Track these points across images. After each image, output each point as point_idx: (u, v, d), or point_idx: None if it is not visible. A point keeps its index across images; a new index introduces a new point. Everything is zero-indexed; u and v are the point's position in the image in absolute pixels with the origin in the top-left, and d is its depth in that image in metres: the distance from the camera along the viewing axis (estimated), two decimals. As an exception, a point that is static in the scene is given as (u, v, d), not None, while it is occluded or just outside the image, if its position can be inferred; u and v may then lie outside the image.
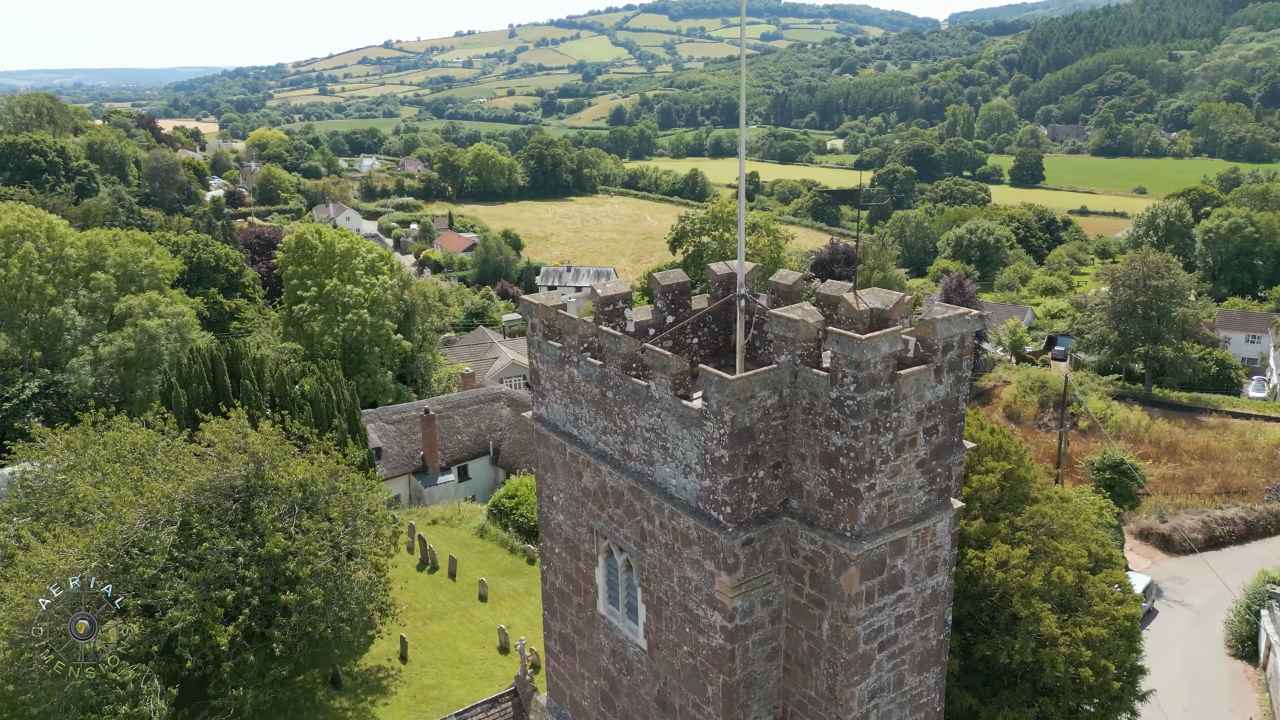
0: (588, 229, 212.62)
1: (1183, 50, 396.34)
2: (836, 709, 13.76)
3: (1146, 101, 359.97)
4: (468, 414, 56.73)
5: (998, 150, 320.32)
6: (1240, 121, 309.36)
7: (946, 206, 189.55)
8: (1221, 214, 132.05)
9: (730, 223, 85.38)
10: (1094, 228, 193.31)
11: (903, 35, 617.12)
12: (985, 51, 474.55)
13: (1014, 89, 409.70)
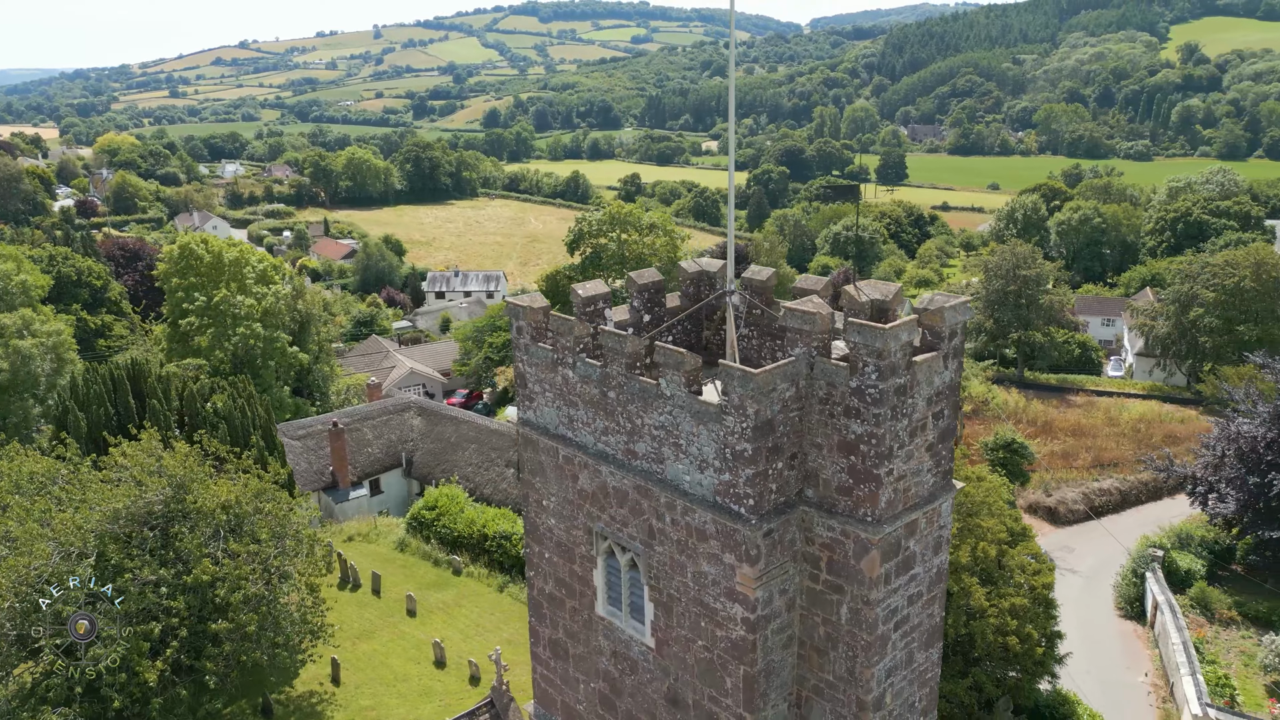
0: (471, 233, 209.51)
1: (1025, 54, 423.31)
2: (856, 690, 14.18)
3: (995, 103, 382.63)
4: (377, 425, 55.03)
5: (863, 150, 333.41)
6: (1079, 120, 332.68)
7: (821, 205, 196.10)
8: (1072, 207, 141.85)
9: (628, 224, 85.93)
10: (956, 222, 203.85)
11: (768, 39, 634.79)
12: (847, 55, 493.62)
13: (875, 91, 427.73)
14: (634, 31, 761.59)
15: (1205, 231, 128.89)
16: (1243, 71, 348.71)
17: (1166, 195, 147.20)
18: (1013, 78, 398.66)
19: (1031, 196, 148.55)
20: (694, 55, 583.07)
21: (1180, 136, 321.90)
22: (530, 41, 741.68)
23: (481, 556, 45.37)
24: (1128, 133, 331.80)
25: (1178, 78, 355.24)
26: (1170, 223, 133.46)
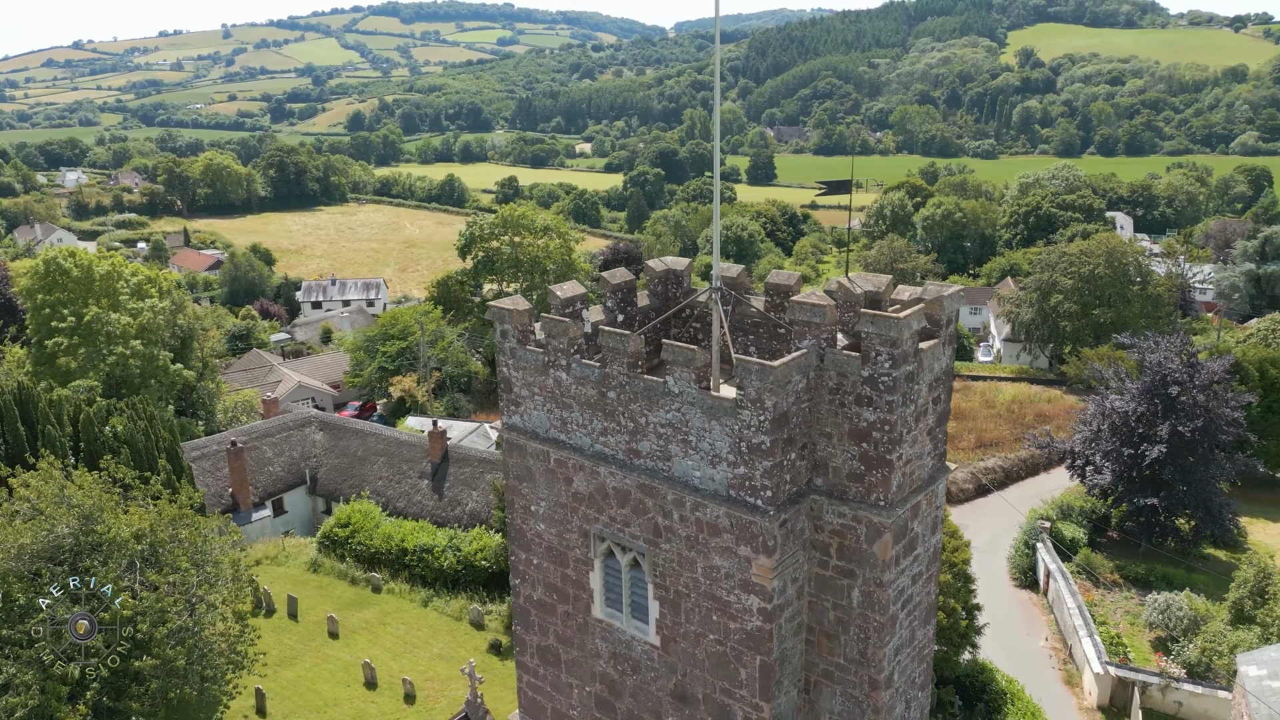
0: (344, 239, 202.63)
1: (879, 58, 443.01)
2: (868, 670, 14.65)
3: (853, 104, 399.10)
4: (277, 442, 52.54)
5: (733, 151, 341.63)
6: (931, 121, 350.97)
7: (700, 205, 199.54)
8: (934, 203, 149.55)
9: (522, 227, 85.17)
10: (825, 220, 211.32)
11: (635, 42, 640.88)
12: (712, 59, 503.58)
13: (741, 94, 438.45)
14: (500, 33, 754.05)
15: (1054, 223, 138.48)
16: (1074, 74, 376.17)
17: (1018, 190, 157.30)
18: (869, 80, 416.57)
19: (898, 194, 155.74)
20: (562, 58, 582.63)
21: (1021, 135, 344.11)
22: (392, 43, 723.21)
23: (402, 572, 44.08)
24: (975, 132, 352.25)
25: (1017, 80, 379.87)
26: (1023, 216, 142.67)
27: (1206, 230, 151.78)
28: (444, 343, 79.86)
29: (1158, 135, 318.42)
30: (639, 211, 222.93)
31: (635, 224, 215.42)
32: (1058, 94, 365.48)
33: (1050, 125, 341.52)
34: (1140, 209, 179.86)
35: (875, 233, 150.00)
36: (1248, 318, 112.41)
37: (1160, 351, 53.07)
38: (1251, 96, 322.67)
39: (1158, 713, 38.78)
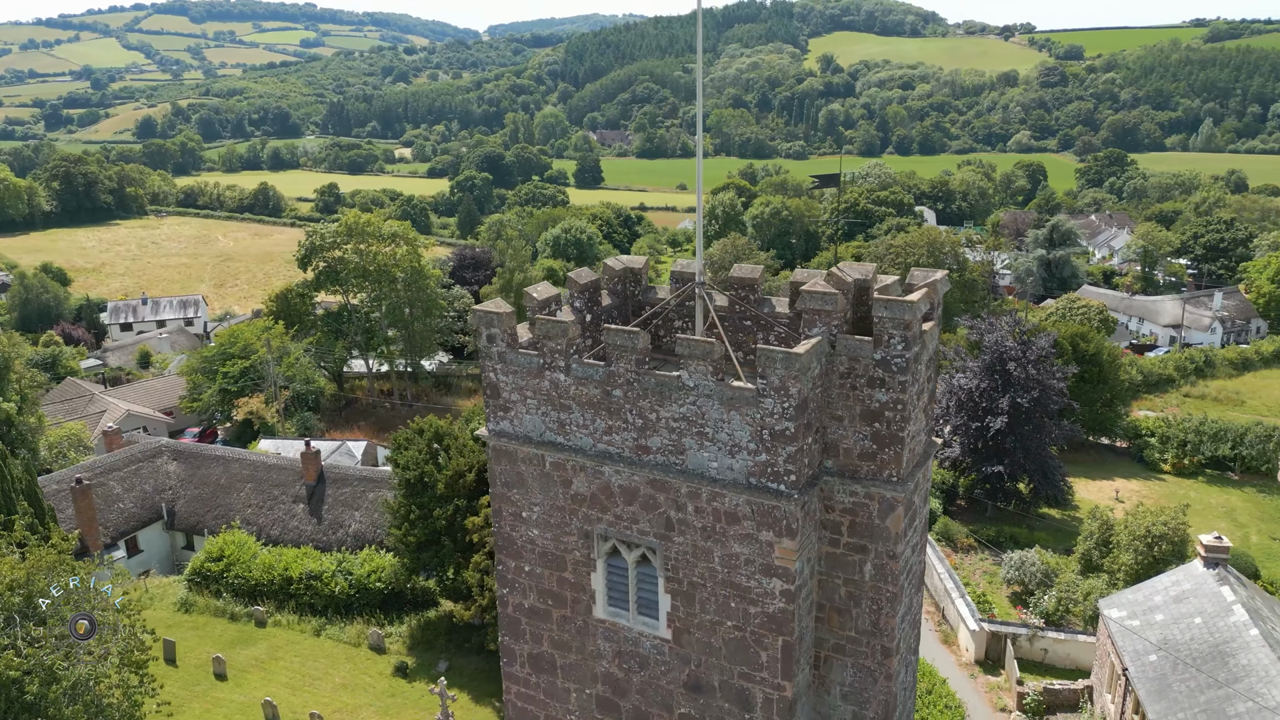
0: (148, 255, 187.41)
1: (692, 64, 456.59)
2: (881, 639, 15.42)
3: (672, 108, 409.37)
4: (126, 476, 48.11)
5: (558, 155, 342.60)
6: (746, 124, 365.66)
7: (534, 209, 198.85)
8: (762, 201, 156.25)
9: (368, 234, 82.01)
10: (657, 221, 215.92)
11: (449, 45, 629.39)
12: (530, 62, 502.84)
13: (561, 97, 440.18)
14: (303, 34, 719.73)
15: (871, 218, 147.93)
16: (870, 79, 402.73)
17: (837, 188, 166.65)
18: (684, 85, 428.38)
19: (728, 194, 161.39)
20: (373, 60, 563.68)
21: (828, 137, 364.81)
22: (182, 44, 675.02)
23: (288, 603, 41.66)
24: (786, 134, 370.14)
25: (820, 85, 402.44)
26: (843, 212, 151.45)
27: (998, 221, 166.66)
28: (290, 359, 75.73)
29: (946, 135, 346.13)
30: (470, 216, 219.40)
31: (468, 229, 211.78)
32: (857, 98, 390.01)
33: (852, 127, 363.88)
34: (940, 203, 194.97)
35: (710, 232, 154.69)
36: (1042, 299, 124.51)
37: (996, 331, 58.10)
38: (1023, 99, 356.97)
39: (1027, 660, 42.45)
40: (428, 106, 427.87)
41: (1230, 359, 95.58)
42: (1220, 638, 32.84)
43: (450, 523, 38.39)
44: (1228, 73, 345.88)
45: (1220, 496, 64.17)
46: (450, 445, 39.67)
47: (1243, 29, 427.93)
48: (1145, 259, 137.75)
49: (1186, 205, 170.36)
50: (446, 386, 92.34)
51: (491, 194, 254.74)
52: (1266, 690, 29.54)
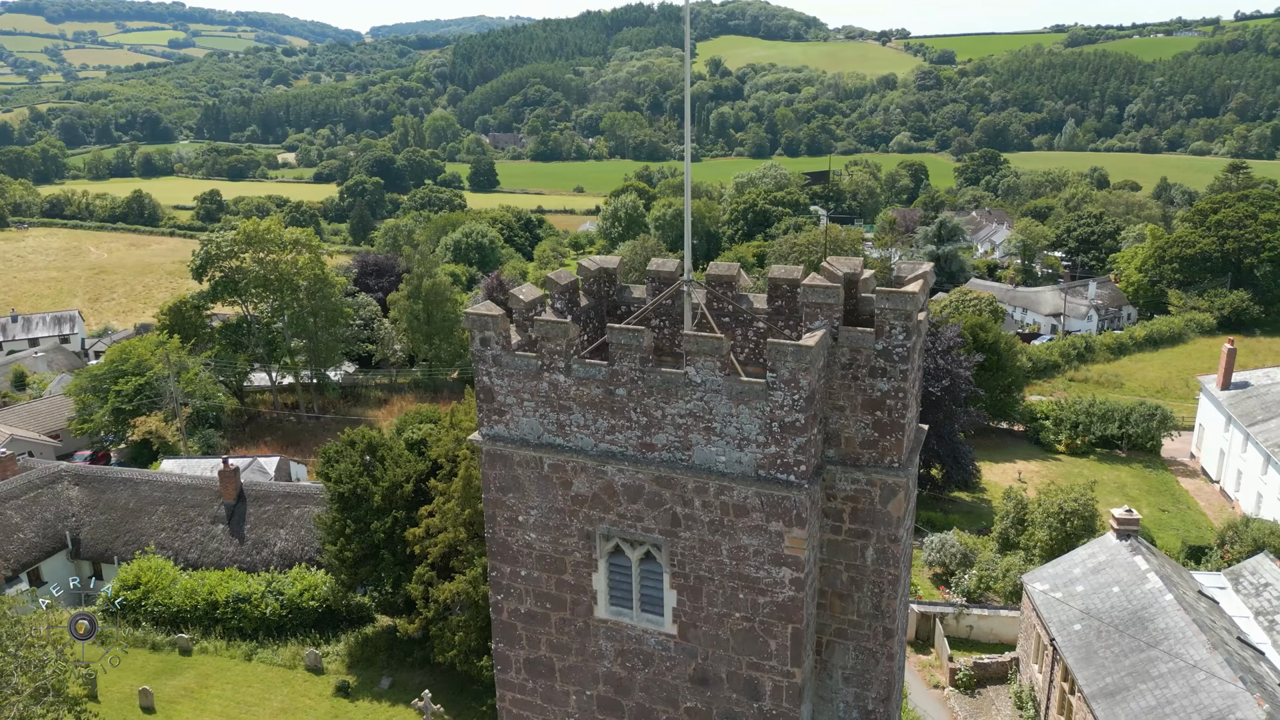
0: (13, 270, 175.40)
1: (583, 66, 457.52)
2: (883, 621, 15.92)
3: (564, 111, 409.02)
4: (24, 504, 44.91)
5: (450, 158, 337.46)
6: (639, 127, 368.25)
7: (431, 213, 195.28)
8: (664, 203, 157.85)
9: (268, 242, 78.98)
10: (558, 224, 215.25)
11: (330, 47, 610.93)
12: (418, 65, 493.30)
13: (451, 100, 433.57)
14: (171, 34, 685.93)
15: (769, 218, 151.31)
16: (757, 83, 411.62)
17: (735, 190, 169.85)
18: (576, 88, 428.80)
19: (629, 196, 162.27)
20: (250, 62, 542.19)
21: (720, 140, 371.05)
22: (38, 44, 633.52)
23: (215, 628, 39.80)
24: (678, 137, 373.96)
25: (710, 88, 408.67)
26: (742, 213, 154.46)
27: (887, 219, 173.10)
28: (189, 375, 72.25)
29: (831, 137, 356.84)
30: (363, 222, 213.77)
31: (361, 234, 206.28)
32: (746, 100, 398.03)
33: (743, 129, 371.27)
34: (831, 203, 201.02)
35: (613, 234, 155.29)
36: (933, 292, 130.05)
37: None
38: (902, 101, 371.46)
39: (955, 638, 44.30)
40: (311, 109, 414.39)
41: (1108, 344, 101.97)
42: (1138, 604, 35.08)
43: (389, 535, 37.45)
44: (1086, 76, 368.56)
45: (1111, 473, 68.36)
46: (385, 456, 38.68)
47: (1098, 34, 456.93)
48: (1025, 252, 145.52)
49: (1058, 201, 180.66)
50: (355, 397, 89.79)
51: (384, 199, 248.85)
52: (1185, 650, 31.73)
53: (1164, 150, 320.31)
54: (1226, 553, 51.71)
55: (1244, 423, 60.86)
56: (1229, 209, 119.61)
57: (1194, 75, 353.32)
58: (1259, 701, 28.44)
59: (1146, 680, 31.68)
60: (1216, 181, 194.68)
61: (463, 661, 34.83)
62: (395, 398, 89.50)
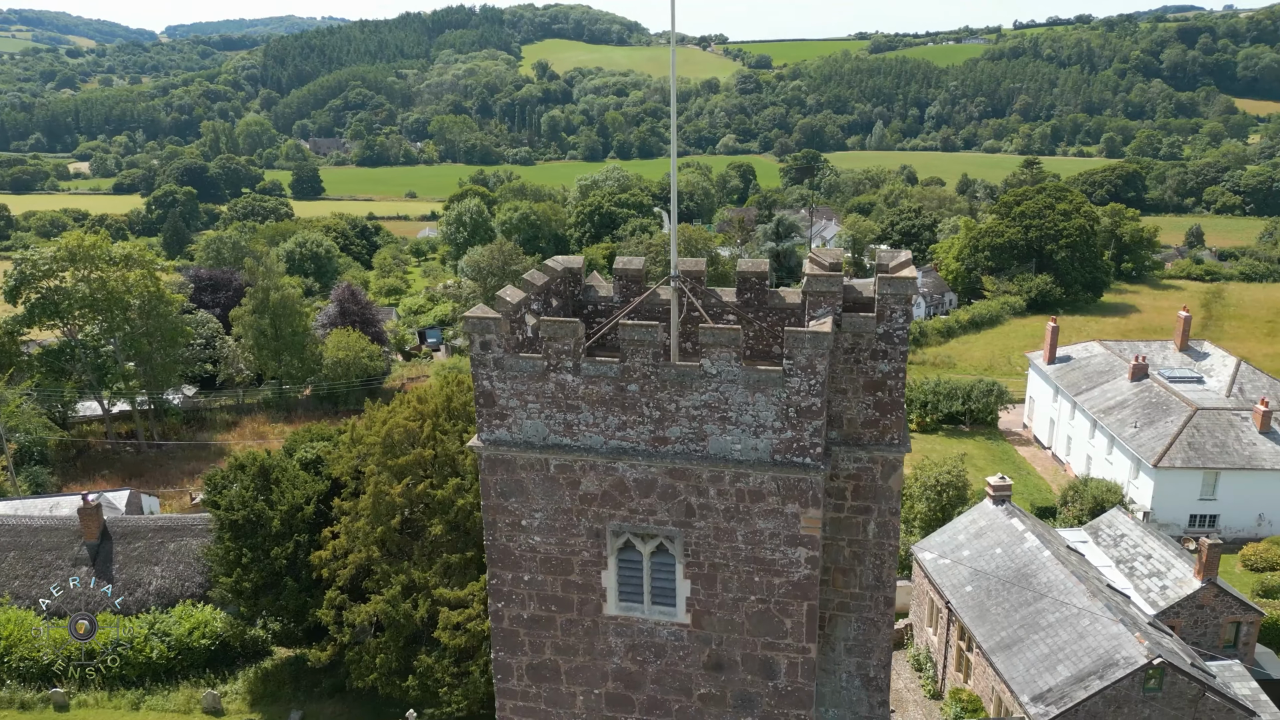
0: None
1: (406, 69, 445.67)
2: (883, 591, 16.81)
3: (389, 115, 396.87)
4: None
5: (268, 165, 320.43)
6: (469, 131, 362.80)
7: (256, 223, 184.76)
8: (510, 207, 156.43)
9: (95, 259, 72.48)
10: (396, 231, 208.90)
11: (122, 47, 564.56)
12: (224, 66, 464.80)
13: (265, 104, 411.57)
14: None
15: (616, 220, 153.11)
16: (586, 86, 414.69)
17: (579, 193, 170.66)
18: (400, 91, 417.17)
19: (473, 200, 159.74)
20: (29, 64, 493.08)
21: (552, 143, 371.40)
22: None
23: (94, 678, 36.30)
24: (511, 140, 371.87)
25: (539, 92, 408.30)
26: (588, 215, 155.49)
27: (724, 218, 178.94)
28: (10, 409, 65.35)
29: (661, 140, 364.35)
30: (178, 235, 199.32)
31: (176, 248, 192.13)
32: (575, 104, 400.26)
33: (574, 133, 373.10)
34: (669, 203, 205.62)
35: (458, 239, 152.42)
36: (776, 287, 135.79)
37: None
38: (725, 105, 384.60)
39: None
40: (104, 115, 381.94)
41: (938, 328, 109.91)
42: (1020, 562, 38.28)
43: (292, 561, 35.53)
44: (890, 80, 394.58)
45: (959, 446, 73.77)
46: (280, 479, 36.62)
47: (898, 41, 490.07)
48: (855, 246, 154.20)
49: (878, 197, 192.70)
50: (199, 422, 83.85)
51: (198, 209, 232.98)
52: (1068, 599, 34.94)
53: (961, 149, 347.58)
54: (1069, 511, 57.17)
55: (1071, 393, 67.28)
56: (1030, 201, 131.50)
57: (982, 79, 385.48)
58: (1139, 639, 31.75)
59: (1038, 630, 34.65)
60: (1012, 176, 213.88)
61: (384, 684, 33.52)
62: (244, 419, 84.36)
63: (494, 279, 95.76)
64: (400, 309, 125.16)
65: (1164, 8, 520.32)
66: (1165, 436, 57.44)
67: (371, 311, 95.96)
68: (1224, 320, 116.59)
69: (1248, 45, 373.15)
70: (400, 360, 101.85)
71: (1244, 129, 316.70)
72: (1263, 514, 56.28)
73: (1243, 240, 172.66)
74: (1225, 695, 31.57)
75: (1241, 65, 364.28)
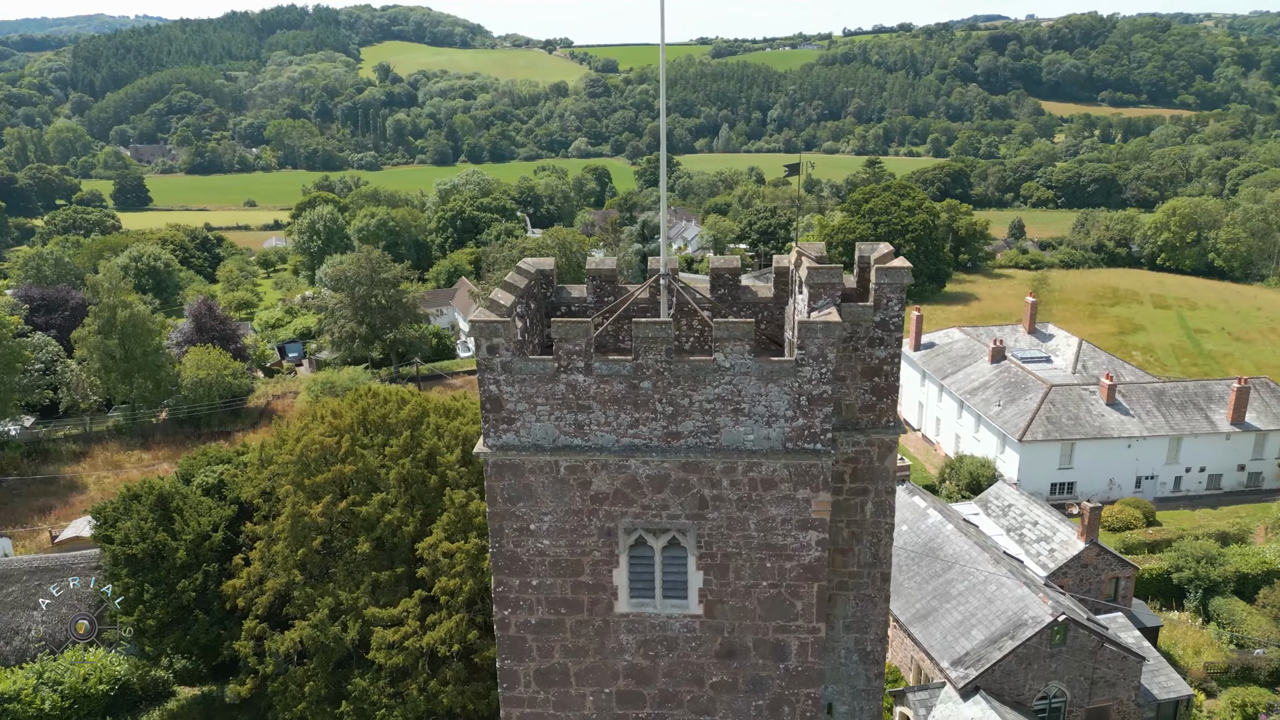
0: None
1: (236, 71, 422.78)
2: (880, 568, 17.59)
3: (219, 119, 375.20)
4: None
5: (84, 174, 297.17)
6: (310, 135, 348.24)
7: (80, 237, 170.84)
8: (366, 213, 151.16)
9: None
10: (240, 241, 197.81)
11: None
12: (27, 69, 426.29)
13: (76, 109, 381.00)
14: None
15: (479, 225, 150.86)
16: (431, 89, 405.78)
17: (439, 197, 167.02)
18: (230, 94, 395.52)
19: (325, 208, 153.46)
20: None
21: (399, 147, 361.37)
22: None
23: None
24: (355, 145, 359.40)
25: (382, 95, 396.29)
26: (450, 220, 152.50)
27: (585, 221, 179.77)
28: None
29: (513, 143, 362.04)
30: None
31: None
32: (421, 107, 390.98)
33: (422, 136, 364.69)
34: (530, 208, 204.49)
35: (311, 248, 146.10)
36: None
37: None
38: (575, 108, 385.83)
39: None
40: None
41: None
42: (926, 537, 40.58)
43: (201, 593, 33.35)
44: (733, 84, 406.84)
45: (837, 434, 77.17)
46: (181, 507, 34.30)
47: (738, 46, 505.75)
48: (716, 246, 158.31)
49: (733, 198, 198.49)
50: (42, 454, 76.79)
51: (7, 224, 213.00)
52: (974, 568, 37.34)
53: (802, 150, 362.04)
54: (950, 486, 60.93)
55: (938, 376, 71.66)
56: (877, 198, 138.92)
57: (818, 84, 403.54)
58: (1044, 599, 34.34)
59: (950, 599, 36.87)
60: (854, 175, 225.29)
61: (314, 712, 31.97)
62: (94, 449, 78.01)
63: (362, 288, 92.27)
64: (255, 323, 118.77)
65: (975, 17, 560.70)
66: (1026, 413, 62.11)
67: (231, 327, 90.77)
68: (1051, 304, 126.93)
69: (1050, 52, 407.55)
70: (262, 377, 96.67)
71: (1051, 129, 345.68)
72: (1113, 479, 61.83)
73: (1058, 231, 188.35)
74: (1120, 645, 34.63)
75: (1045, 70, 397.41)
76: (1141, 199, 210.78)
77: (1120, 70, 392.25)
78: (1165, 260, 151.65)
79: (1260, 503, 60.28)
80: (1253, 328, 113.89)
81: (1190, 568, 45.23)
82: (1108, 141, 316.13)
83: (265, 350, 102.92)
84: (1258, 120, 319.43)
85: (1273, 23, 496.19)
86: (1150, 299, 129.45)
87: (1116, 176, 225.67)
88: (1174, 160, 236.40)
